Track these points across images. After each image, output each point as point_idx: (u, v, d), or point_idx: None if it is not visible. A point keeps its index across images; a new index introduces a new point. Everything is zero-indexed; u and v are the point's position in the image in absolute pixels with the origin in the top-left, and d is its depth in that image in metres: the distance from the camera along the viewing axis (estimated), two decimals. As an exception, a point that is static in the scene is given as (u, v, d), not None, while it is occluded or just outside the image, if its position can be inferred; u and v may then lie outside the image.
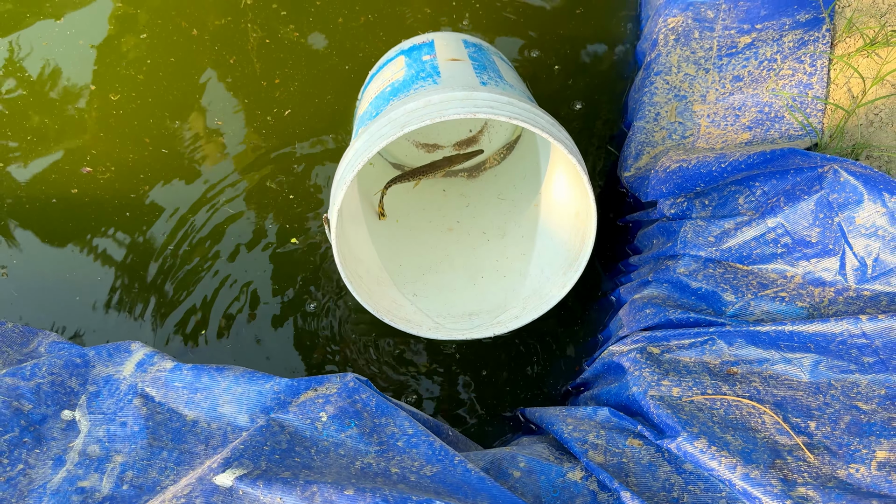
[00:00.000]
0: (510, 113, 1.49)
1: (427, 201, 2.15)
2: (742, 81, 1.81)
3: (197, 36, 2.26)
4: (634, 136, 1.88)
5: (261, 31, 2.27)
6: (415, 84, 1.69)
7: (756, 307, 1.53)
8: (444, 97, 1.52)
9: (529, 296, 1.87)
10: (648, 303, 1.66)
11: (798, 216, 1.52)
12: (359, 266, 1.77)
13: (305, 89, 2.22)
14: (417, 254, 2.04)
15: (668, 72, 1.89)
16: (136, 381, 1.45)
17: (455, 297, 1.94)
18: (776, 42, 1.81)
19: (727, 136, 1.75)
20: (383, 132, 1.50)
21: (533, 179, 2.06)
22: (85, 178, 2.10)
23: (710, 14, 1.93)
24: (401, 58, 1.89)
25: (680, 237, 1.69)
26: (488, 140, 2.18)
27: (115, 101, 2.19)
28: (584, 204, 1.70)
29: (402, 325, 1.76)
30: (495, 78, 1.76)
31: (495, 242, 2.05)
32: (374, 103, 1.76)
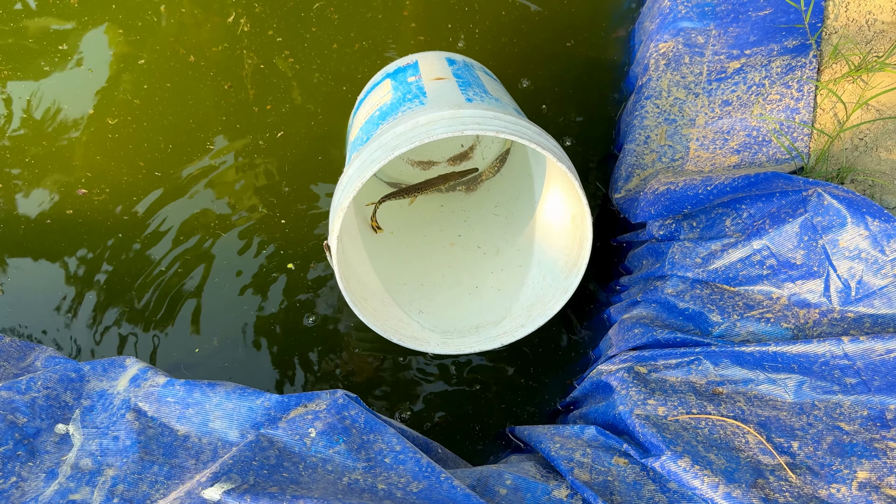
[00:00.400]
0: (497, 127, 1.52)
1: (426, 218, 2.18)
2: (731, 106, 1.84)
3: (194, 62, 2.30)
4: (625, 158, 1.91)
5: (256, 57, 2.31)
6: (402, 106, 1.72)
7: (742, 328, 1.54)
8: (431, 118, 1.55)
9: (533, 304, 1.89)
10: (637, 322, 1.67)
11: (783, 238, 1.54)
12: (363, 289, 1.79)
13: (297, 112, 2.25)
14: (419, 271, 2.06)
15: (659, 96, 1.93)
16: (130, 396, 1.47)
17: (459, 311, 1.97)
18: (764, 67, 1.84)
19: (716, 160, 1.78)
20: (374, 157, 1.53)
21: (527, 189, 2.09)
22: (80, 200, 2.14)
23: (701, 39, 1.96)
24: (387, 81, 1.92)
25: (668, 258, 1.72)
26: (481, 154, 2.21)
27: (112, 126, 2.22)
28: (577, 208, 1.73)
29: (410, 343, 1.78)
30: (480, 93, 1.79)
31: (494, 254, 2.08)
32: (364, 128, 1.79)
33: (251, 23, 2.36)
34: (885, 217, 1.43)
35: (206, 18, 2.36)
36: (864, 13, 1.83)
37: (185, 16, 2.36)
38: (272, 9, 2.38)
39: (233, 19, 2.36)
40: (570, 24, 2.39)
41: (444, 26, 2.38)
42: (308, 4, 2.39)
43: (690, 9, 2.00)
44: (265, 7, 2.38)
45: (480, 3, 2.42)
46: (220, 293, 2.05)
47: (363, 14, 2.38)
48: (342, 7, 2.39)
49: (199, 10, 2.37)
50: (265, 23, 2.35)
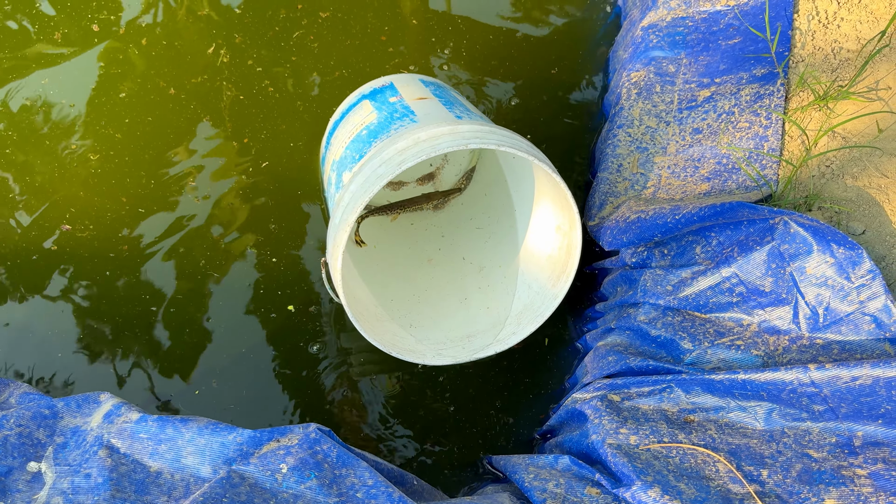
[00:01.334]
0: (497, 141, 1.57)
1: (402, 236, 2.22)
2: (701, 134, 1.86)
3: (174, 95, 2.31)
4: (599, 186, 1.93)
5: (235, 88, 2.32)
6: (393, 124, 1.75)
7: (713, 355, 1.55)
8: (432, 133, 1.59)
9: (522, 311, 1.92)
10: (611, 350, 1.68)
11: (751, 266, 1.55)
12: (358, 305, 1.81)
13: (280, 142, 2.27)
14: (405, 287, 2.09)
15: (631, 124, 1.95)
16: (103, 433, 1.46)
17: (450, 322, 2.00)
18: (734, 95, 1.87)
19: (687, 187, 1.79)
20: (380, 172, 1.56)
21: (502, 201, 2.13)
22: (64, 236, 2.14)
23: (672, 68, 1.99)
24: (365, 102, 1.94)
25: (640, 286, 1.73)
26: (449, 172, 2.25)
27: (94, 160, 2.23)
28: (566, 217, 1.78)
29: (408, 355, 1.80)
30: (466, 111, 1.85)
31: (478, 266, 2.11)
32: (351, 147, 1.81)
33: (231, 53, 2.37)
34: (850, 245, 1.45)
35: (186, 50, 2.38)
36: (829, 42, 1.86)
37: (166, 48, 2.38)
38: (252, 39, 2.40)
39: (213, 50, 2.37)
40: (553, 51, 2.42)
41: (423, 52, 2.40)
42: (288, 34, 2.41)
43: (662, 38, 2.03)
44: (245, 37, 2.40)
45: (466, 26, 2.45)
46: (215, 334, 2.05)
47: (342, 42, 2.40)
48: (321, 35, 2.41)
49: (180, 42, 2.39)
50: (245, 53, 2.37)
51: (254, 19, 2.43)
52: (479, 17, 2.48)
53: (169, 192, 2.21)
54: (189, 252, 2.14)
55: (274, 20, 2.43)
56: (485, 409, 1.97)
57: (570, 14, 2.50)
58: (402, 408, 1.98)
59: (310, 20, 2.43)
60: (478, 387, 2.00)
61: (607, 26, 2.44)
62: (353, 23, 2.43)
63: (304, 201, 2.21)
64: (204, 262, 2.13)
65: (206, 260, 2.13)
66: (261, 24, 2.42)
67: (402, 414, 1.97)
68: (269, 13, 2.44)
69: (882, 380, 1.33)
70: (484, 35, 2.45)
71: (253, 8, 2.45)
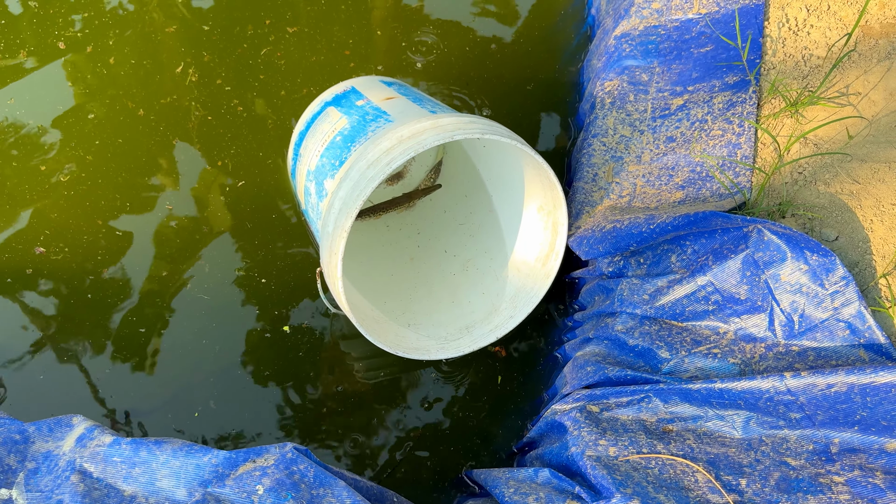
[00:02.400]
0: (481, 130, 1.59)
1: (380, 240, 2.23)
2: (675, 142, 1.86)
3: (143, 116, 2.28)
4: (575, 196, 1.92)
5: (202, 108, 2.30)
6: (368, 127, 1.75)
7: (690, 364, 1.55)
8: (414, 129, 1.60)
9: (515, 295, 1.95)
10: (589, 360, 1.68)
11: (726, 274, 1.55)
12: (356, 312, 1.81)
13: (252, 161, 2.24)
14: (394, 289, 2.10)
15: (605, 134, 1.95)
16: (75, 457, 1.43)
17: (446, 316, 2.02)
18: (707, 104, 1.87)
19: (661, 196, 1.79)
20: (370, 174, 1.56)
21: (476, 190, 2.16)
22: (39, 259, 2.10)
23: (645, 77, 1.99)
24: (330, 109, 1.94)
25: (617, 295, 1.72)
26: (417, 169, 2.27)
27: (66, 182, 2.19)
28: (549, 196, 1.81)
29: (414, 353, 1.82)
30: (435, 105, 1.86)
31: (462, 257, 2.14)
32: (327, 154, 1.81)
33: (200, 72, 2.35)
34: (823, 252, 1.45)
35: (155, 69, 2.35)
36: (800, 48, 1.87)
37: (134, 67, 2.35)
38: (220, 58, 2.38)
39: (181, 69, 2.35)
40: (528, 63, 2.42)
41: (390, 64, 2.39)
42: (255, 51, 2.39)
43: (634, 47, 2.03)
44: (213, 56, 2.37)
45: (438, 35, 2.44)
46: (211, 356, 2.02)
47: (308, 58, 2.39)
48: (288, 52, 2.40)
49: (149, 61, 2.36)
50: (214, 72, 2.35)
51: (222, 37, 2.41)
52: (451, 29, 2.48)
53: (145, 215, 2.18)
54: (173, 276, 2.11)
55: (242, 37, 2.41)
56: (466, 422, 1.95)
57: (545, 25, 2.50)
58: (383, 422, 1.96)
59: (277, 36, 2.42)
60: (459, 399, 1.99)
61: (581, 36, 2.44)
62: (320, 37, 2.42)
63: (283, 219, 2.19)
64: (191, 285, 2.10)
65: (193, 284, 2.10)
66: (229, 42, 2.41)
67: (383, 429, 1.95)
68: (237, 29, 2.42)
69: (857, 386, 1.33)
70: (457, 46, 2.44)
71: (221, 25, 2.43)
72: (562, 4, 2.54)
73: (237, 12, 2.44)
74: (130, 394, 1.97)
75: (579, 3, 2.52)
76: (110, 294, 2.08)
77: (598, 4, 2.39)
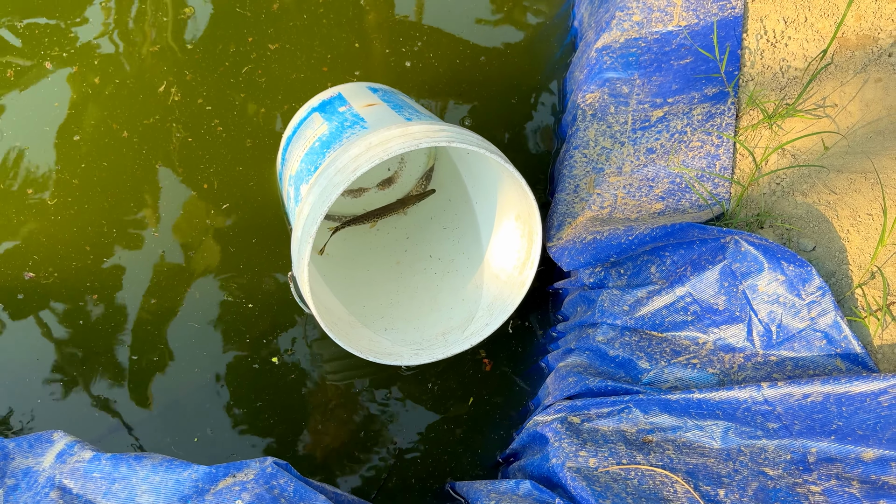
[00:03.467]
0: (448, 138, 1.59)
1: (368, 243, 2.25)
2: (655, 153, 1.87)
3: (127, 138, 2.27)
4: (557, 207, 1.93)
5: (184, 130, 2.29)
6: (344, 133, 1.78)
7: (669, 374, 1.56)
8: (383, 137, 1.61)
9: (492, 303, 1.95)
10: (571, 371, 1.68)
11: (704, 285, 1.56)
12: (330, 315, 1.82)
13: (234, 181, 2.24)
14: (376, 292, 2.11)
15: (587, 145, 1.96)
16: (55, 473, 1.43)
17: (423, 322, 2.02)
18: (686, 115, 1.89)
19: (642, 207, 1.80)
20: (336, 180, 1.57)
21: (461, 198, 2.18)
22: (29, 284, 2.09)
23: (625, 89, 2.00)
24: (315, 115, 1.96)
25: (598, 306, 1.73)
26: (408, 175, 2.28)
27: (53, 206, 2.18)
28: (523, 205, 1.81)
29: (386, 359, 1.82)
30: (415, 113, 1.88)
31: (445, 263, 2.15)
32: (306, 160, 1.83)
33: (182, 91, 2.35)
34: (799, 262, 1.46)
35: (138, 88, 2.35)
36: (778, 60, 1.88)
37: (118, 87, 2.35)
38: (202, 76, 2.38)
39: (164, 88, 2.35)
40: (512, 74, 2.44)
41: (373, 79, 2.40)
42: (237, 69, 2.40)
43: (615, 59, 2.04)
44: (196, 74, 2.38)
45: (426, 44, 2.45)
46: (200, 384, 2.01)
47: (288, 76, 2.39)
48: (269, 70, 2.41)
49: (132, 80, 2.36)
50: (195, 91, 2.35)
51: (205, 54, 2.42)
52: (432, 38, 2.48)
53: (132, 241, 2.17)
54: (162, 303, 2.10)
55: (224, 55, 2.42)
56: (450, 433, 1.95)
57: (528, 37, 2.51)
58: (367, 434, 1.96)
59: (259, 53, 2.43)
60: (443, 410, 1.99)
61: (565, 47, 2.46)
62: (300, 53, 2.43)
63: (269, 241, 2.19)
64: (181, 313, 2.09)
65: (183, 311, 2.09)
66: (212, 60, 2.41)
67: (366, 441, 1.95)
68: (219, 47, 2.43)
69: (833, 396, 1.34)
70: (438, 57, 2.45)
71: (204, 43, 2.44)
72: (545, 15, 2.56)
73: (220, 30, 2.45)
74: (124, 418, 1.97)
75: (563, 14, 2.54)
76: (100, 321, 2.07)
77: (580, 17, 2.41)
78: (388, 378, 2.03)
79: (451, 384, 2.02)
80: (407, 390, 2.02)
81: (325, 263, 2.09)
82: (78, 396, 1.99)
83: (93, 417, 1.97)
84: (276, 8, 2.49)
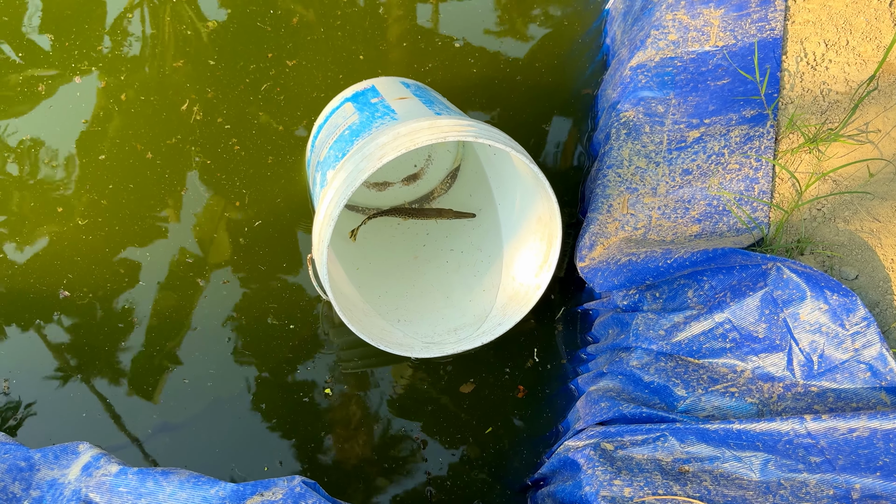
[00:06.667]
0: (475, 133, 1.61)
1: (389, 235, 2.28)
2: (691, 175, 1.84)
3: (151, 160, 2.27)
4: (589, 226, 1.90)
5: (203, 154, 2.29)
6: (374, 123, 1.82)
7: (707, 402, 1.52)
8: (411, 128, 1.64)
9: (506, 303, 1.98)
10: (603, 395, 1.65)
11: (744, 312, 1.53)
12: (346, 301, 1.85)
13: (262, 201, 2.24)
14: (392, 284, 2.15)
15: (620, 165, 1.93)
16: (81, 486, 1.41)
17: (436, 316, 2.05)
18: (723, 137, 1.86)
19: (677, 229, 1.77)
20: (362, 167, 1.61)
21: (485, 197, 2.20)
22: (63, 304, 2.08)
23: (661, 109, 1.98)
24: (348, 104, 2.00)
25: (632, 329, 1.70)
26: (434, 172, 2.31)
27: (84, 226, 2.18)
28: (545, 207, 1.83)
29: (396, 349, 1.85)
30: (445, 108, 1.92)
31: (462, 260, 2.18)
32: (335, 147, 1.87)
33: (203, 110, 2.35)
34: (844, 291, 1.43)
35: (161, 106, 2.35)
36: (818, 83, 1.85)
37: (143, 104, 2.35)
38: (223, 93, 2.38)
39: (186, 107, 2.35)
40: (542, 90, 2.43)
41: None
42: (256, 86, 2.40)
43: (651, 78, 2.02)
44: (217, 92, 2.38)
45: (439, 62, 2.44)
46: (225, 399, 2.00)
47: (308, 94, 2.39)
48: (288, 87, 2.41)
49: (156, 97, 2.36)
50: (216, 109, 2.35)
51: (226, 72, 2.43)
52: (456, 53, 2.47)
53: (166, 266, 2.16)
54: (204, 331, 2.09)
55: (245, 72, 2.43)
56: (477, 455, 1.92)
57: (560, 52, 2.50)
58: (396, 454, 1.93)
59: (278, 70, 2.43)
60: (470, 428, 1.95)
61: (596, 64, 2.44)
62: (316, 72, 2.44)
63: (299, 261, 2.19)
64: (219, 331, 2.09)
65: (221, 332, 2.09)
66: (233, 77, 2.42)
67: (394, 462, 1.92)
68: (240, 64, 2.44)
69: (879, 432, 1.30)
70: (463, 72, 2.45)
71: (226, 59, 2.45)
72: (576, 33, 2.54)
73: (241, 45, 2.47)
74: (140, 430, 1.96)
75: (594, 32, 2.52)
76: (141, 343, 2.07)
77: (612, 34, 2.39)
78: (418, 399, 2.01)
79: (477, 404, 1.99)
80: (436, 410, 2.00)
81: (347, 251, 2.13)
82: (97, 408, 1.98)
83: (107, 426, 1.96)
84: (295, 22, 2.50)
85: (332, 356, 2.07)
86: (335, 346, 2.08)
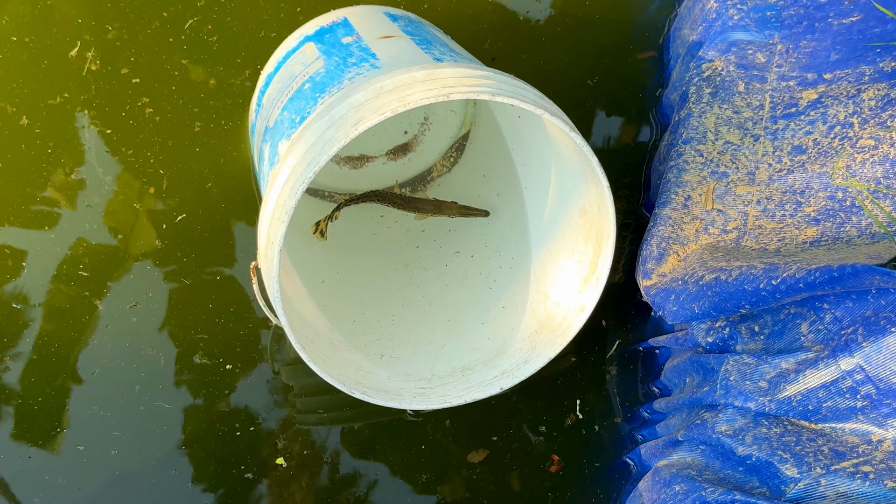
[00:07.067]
0: (493, 89, 1.57)
1: (368, 232, 2.29)
2: (805, 154, 1.83)
3: (26, 127, 2.28)
4: (657, 227, 1.89)
5: (101, 120, 2.30)
6: (347, 72, 1.79)
7: (829, 487, 1.50)
8: (400, 81, 1.60)
9: (536, 330, 1.97)
10: (678, 475, 1.64)
11: (884, 356, 1.50)
12: (306, 328, 1.84)
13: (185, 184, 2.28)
14: (371, 303, 2.16)
15: (703, 139, 1.92)
16: None
17: (436, 350, 2.05)
18: (851, 99, 1.84)
19: (785, 232, 1.76)
20: (329, 136, 1.56)
21: (505, 179, 2.22)
22: None
23: (761, 58, 1.97)
24: (309, 45, 1.99)
25: (721, 379, 1.68)
26: (432, 142, 2.32)
27: None
28: (594, 195, 1.81)
29: (378, 397, 1.82)
30: (448, 52, 1.90)
31: (474, 270, 2.19)
32: (290, 107, 1.86)
33: (101, 57, 2.35)
34: None
35: (42, 50, 2.35)
36: None
37: (15, 48, 2.35)
38: (130, 33, 2.38)
39: (77, 52, 2.36)
40: (589, 34, 2.45)
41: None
42: (178, 22, 2.40)
43: (747, 13, 2.03)
44: (121, 30, 2.38)
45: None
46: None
47: (253, 32, 2.40)
48: (223, 23, 2.41)
49: (33, 38, 2.37)
50: (119, 55, 2.35)
51: (134, 3, 2.43)
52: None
53: (47, 285, 2.18)
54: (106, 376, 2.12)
55: (162, 4, 2.43)
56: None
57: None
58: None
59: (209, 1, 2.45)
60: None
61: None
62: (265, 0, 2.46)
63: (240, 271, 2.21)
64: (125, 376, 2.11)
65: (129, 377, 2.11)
66: (144, 8, 2.42)
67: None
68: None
69: None
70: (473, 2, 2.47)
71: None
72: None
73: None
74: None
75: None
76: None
77: (691, -52, 2.38)
78: (409, 468, 2.03)
79: (497, 481, 2.02)
80: (429, 483, 2.03)
81: (305, 256, 2.11)
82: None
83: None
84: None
85: (286, 409, 2.09)
86: (292, 392, 2.09)
